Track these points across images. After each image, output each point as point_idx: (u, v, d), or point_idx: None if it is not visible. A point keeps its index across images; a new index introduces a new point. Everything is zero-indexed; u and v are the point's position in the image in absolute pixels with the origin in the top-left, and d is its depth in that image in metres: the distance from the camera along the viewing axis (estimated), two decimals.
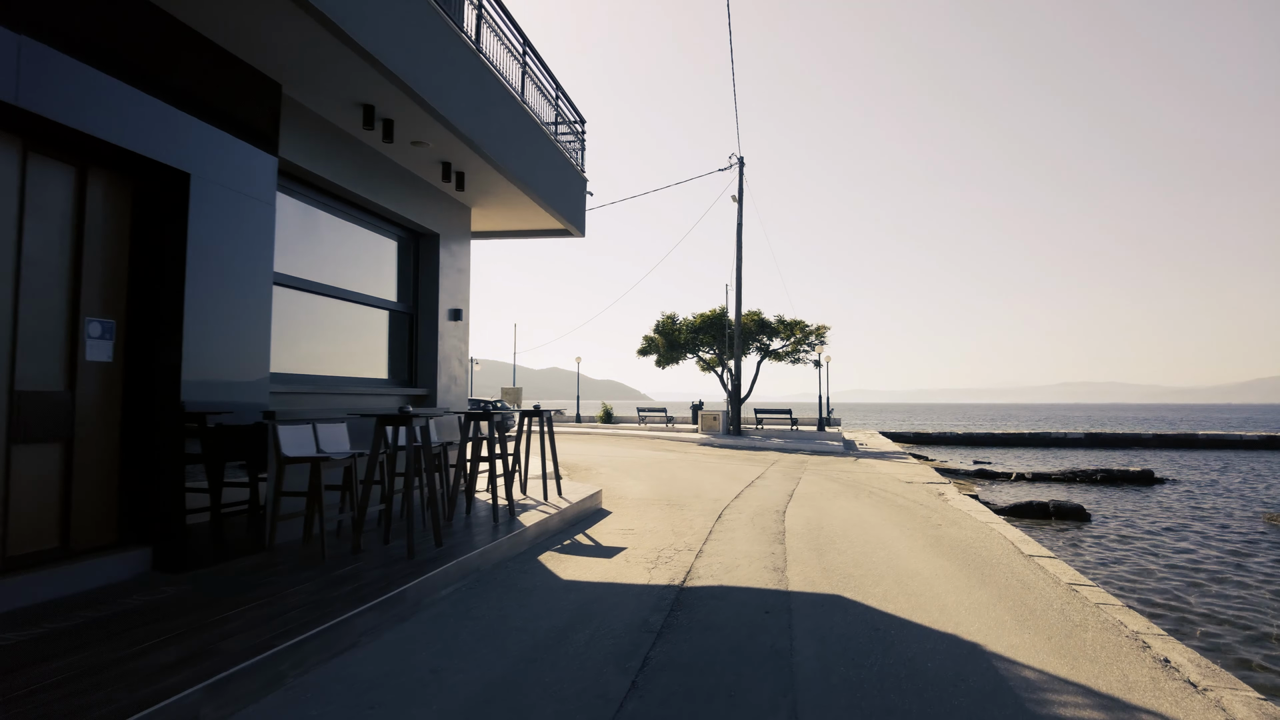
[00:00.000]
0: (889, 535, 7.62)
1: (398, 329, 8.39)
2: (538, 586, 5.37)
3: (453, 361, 8.83)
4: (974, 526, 8.25)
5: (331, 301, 7.28)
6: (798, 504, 9.83)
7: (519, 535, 6.50)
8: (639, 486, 11.36)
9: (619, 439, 24.52)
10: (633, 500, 9.86)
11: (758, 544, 7.03)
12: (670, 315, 29.51)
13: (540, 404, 28.93)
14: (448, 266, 8.76)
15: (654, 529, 7.75)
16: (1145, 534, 12.27)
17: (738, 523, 8.22)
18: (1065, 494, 17.69)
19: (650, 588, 5.37)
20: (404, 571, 5.01)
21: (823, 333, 27.98)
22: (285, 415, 5.92)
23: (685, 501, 9.85)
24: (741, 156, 25.70)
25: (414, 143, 7.08)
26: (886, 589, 5.43)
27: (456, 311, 8.86)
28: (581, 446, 20.69)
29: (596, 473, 13.23)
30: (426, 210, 8.35)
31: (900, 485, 12.46)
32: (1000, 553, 6.81)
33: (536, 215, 9.75)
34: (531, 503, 8.03)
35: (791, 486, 11.88)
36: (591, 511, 8.68)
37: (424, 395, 8.40)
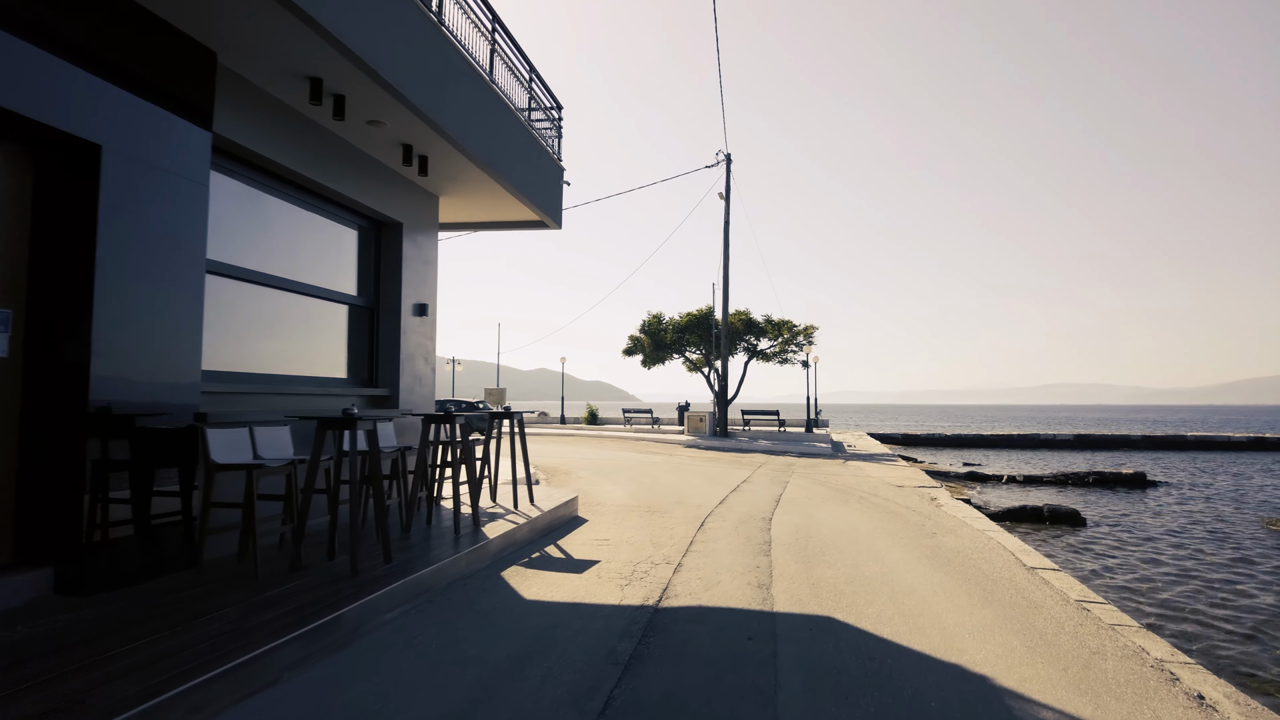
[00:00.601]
0: (881, 545, 7.14)
1: (358, 325, 7.84)
2: (497, 608, 4.84)
3: (418, 360, 8.28)
4: (970, 535, 7.78)
5: (283, 294, 6.73)
6: (785, 510, 9.33)
7: (481, 548, 5.97)
8: (619, 492, 10.84)
9: (603, 441, 23.99)
10: (611, 507, 9.34)
11: (741, 556, 6.53)
12: (656, 315, 29.00)
13: (511, 405, 28.25)
14: (412, 258, 8.21)
15: (631, 539, 7.23)
16: (1143, 540, 11.86)
17: (721, 531, 7.71)
18: (1058, 497, 17.32)
19: (621, 609, 4.85)
20: (344, 592, 4.47)
21: (811, 333, 27.55)
22: (218, 418, 5.36)
23: (666, 508, 9.34)
24: (729, 154, 25.24)
25: (370, 122, 6.54)
26: (881, 608, 4.94)
27: (422, 307, 8.31)
28: (564, 449, 20.15)
29: (576, 477, 12.70)
30: (389, 198, 7.80)
31: (891, 489, 12.01)
32: (1001, 565, 6.33)
33: (510, 205, 9.22)
34: (500, 511, 7.49)
35: (778, 491, 11.40)
36: (566, 520, 8.15)
37: (385, 396, 7.85)
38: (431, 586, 5.15)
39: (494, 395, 35.51)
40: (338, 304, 7.58)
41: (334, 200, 7.28)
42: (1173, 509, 15.60)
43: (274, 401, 6.28)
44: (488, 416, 7.80)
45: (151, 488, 4.75)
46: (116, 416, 4.48)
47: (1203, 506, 15.98)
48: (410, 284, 8.15)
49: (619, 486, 11.50)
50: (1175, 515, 14.73)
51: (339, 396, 7.28)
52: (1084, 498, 17.36)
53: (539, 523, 7.28)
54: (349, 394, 7.41)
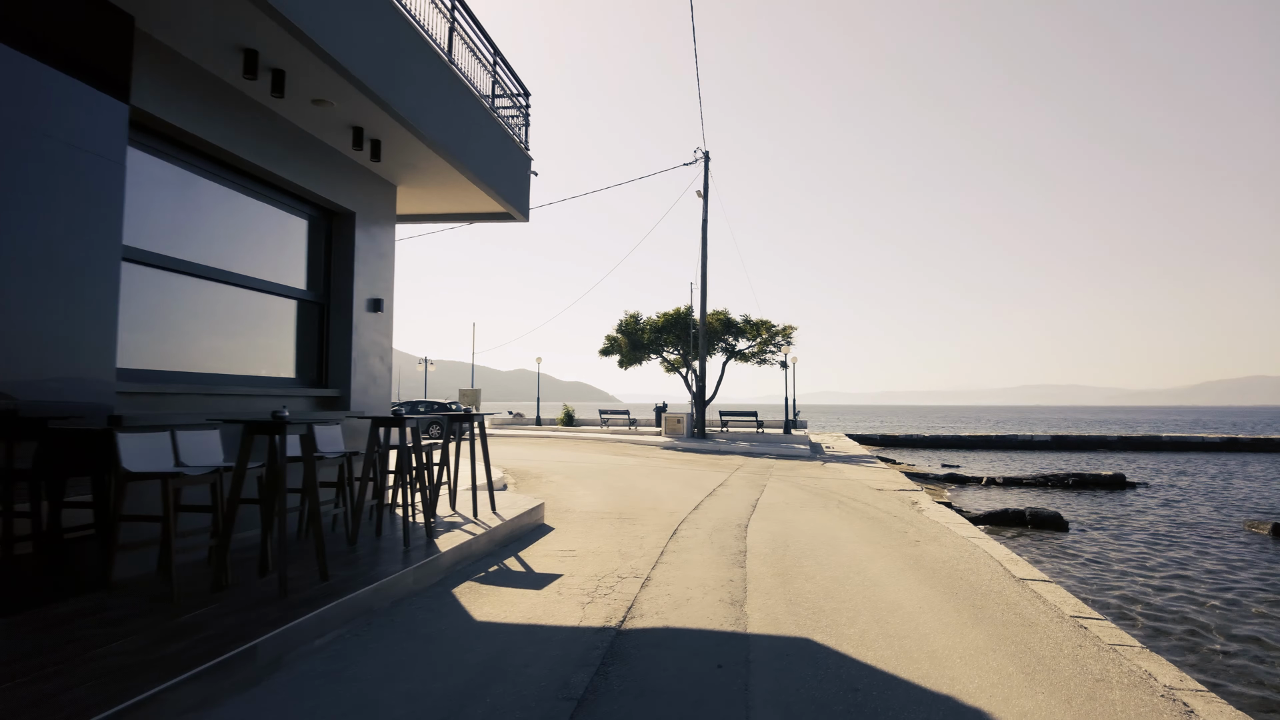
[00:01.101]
0: (862, 555, 6.76)
1: (307, 321, 7.32)
2: (443, 631, 4.38)
3: (372, 359, 7.78)
4: (955, 543, 7.43)
5: (222, 288, 6.20)
6: (762, 516, 8.94)
7: (432, 563, 5.50)
8: (590, 497, 10.39)
9: (578, 443, 23.51)
10: (580, 514, 8.89)
11: (715, 568, 6.11)
12: (634, 314, 28.54)
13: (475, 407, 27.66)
14: (366, 250, 7.71)
15: (598, 549, 6.79)
16: (1128, 544, 11.62)
17: (694, 540, 7.29)
18: (1039, 500, 17.12)
19: (581, 632, 4.41)
20: (269, 616, 3.99)
21: (789, 333, 27.23)
22: (136, 421, 4.84)
23: (638, 514, 8.90)
24: (707, 151, 24.89)
25: (314, 101, 6.04)
26: (864, 628, 4.54)
27: (376, 302, 7.81)
28: (537, 451, 19.65)
29: (547, 481, 12.23)
30: (340, 185, 7.30)
31: (870, 493, 11.67)
32: (989, 577, 5.97)
33: (474, 196, 8.74)
34: (458, 521, 7.02)
35: (755, 495, 11.01)
36: (530, 528, 7.69)
37: (336, 397, 7.35)
38: (372, 607, 4.67)
39: (468, 396, 34.85)
40: (285, 299, 7.06)
41: (279, 187, 6.76)
42: (1153, 511, 15.44)
43: (208, 403, 5.76)
44: (445, 419, 7.32)
45: (61, 499, 4.25)
46: (24, 420, 3.97)
47: (1182, 509, 15.84)
48: (364, 278, 7.65)
49: (590, 491, 11.05)
50: (1156, 518, 14.56)
51: (284, 397, 6.76)
52: (1065, 500, 17.17)
53: (499, 533, 6.82)
54: (295, 395, 6.90)
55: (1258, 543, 11.73)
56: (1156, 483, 20.71)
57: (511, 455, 18.00)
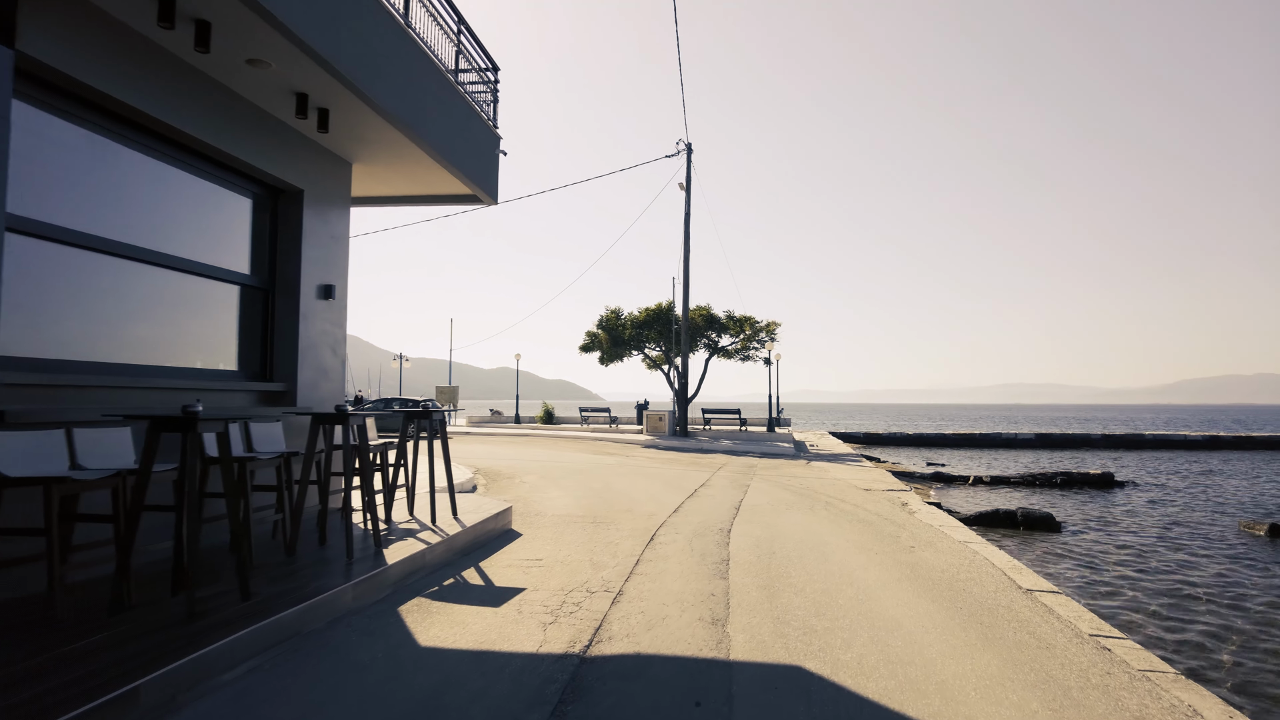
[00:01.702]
0: (854, 563, 6.22)
1: (250, 309, 6.67)
2: (379, 659, 3.78)
3: (322, 350, 7.14)
4: (952, 549, 6.92)
5: (148, 269, 5.55)
6: (746, 519, 8.39)
7: (376, 577, 4.89)
8: (563, 499, 9.79)
9: (557, 441, 22.89)
10: (552, 518, 8.30)
11: (694, 579, 5.54)
12: (615, 310, 27.92)
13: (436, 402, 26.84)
14: (316, 232, 7.06)
15: (568, 558, 6.21)
16: (1124, 547, 11.21)
17: (673, 547, 6.73)
18: (1027, 499, 16.74)
19: (539, 660, 3.83)
20: (168, 646, 3.37)
21: (773, 329, 26.71)
22: (20, 416, 4.20)
23: (614, 518, 8.32)
24: (689, 143, 24.33)
25: (250, 61, 5.40)
26: (861, 652, 3.99)
27: (328, 288, 7.17)
28: (513, 450, 19.01)
29: (519, 482, 11.62)
30: (287, 160, 6.66)
31: (858, 494, 11.17)
32: (993, 588, 5.45)
33: (437, 176, 8.11)
34: (415, 527, 6.41)
35: (739, 496, 10.47)
36: (496, 535, 7.09)
37: (281, 392, 6.70)
38: (300, 629, 4.06)
39: (445, 394, 34.09)
40: (225, 284, 6.41)
41: (216, 160, 6.11)
42: (1144, 511, 15.09)
43: (129, 398, 5.12)
44: (401, 416, 6.71)
45: None
46: None
47: (1173, 509, 15.51)
48: (314, 262, 7.00)
49: (565, 493, 10.46)
50: (1148, 518, 14.20)
51: (222, 392, 6.11)
52: (1054, 499, 16.80)
53: (459, 540, 6.21)
54: (236, 389, 6.25)
55: (1256, 544, 11.36)
56: (1144, 481, 20.43)
57: (486, 454, 17.36)
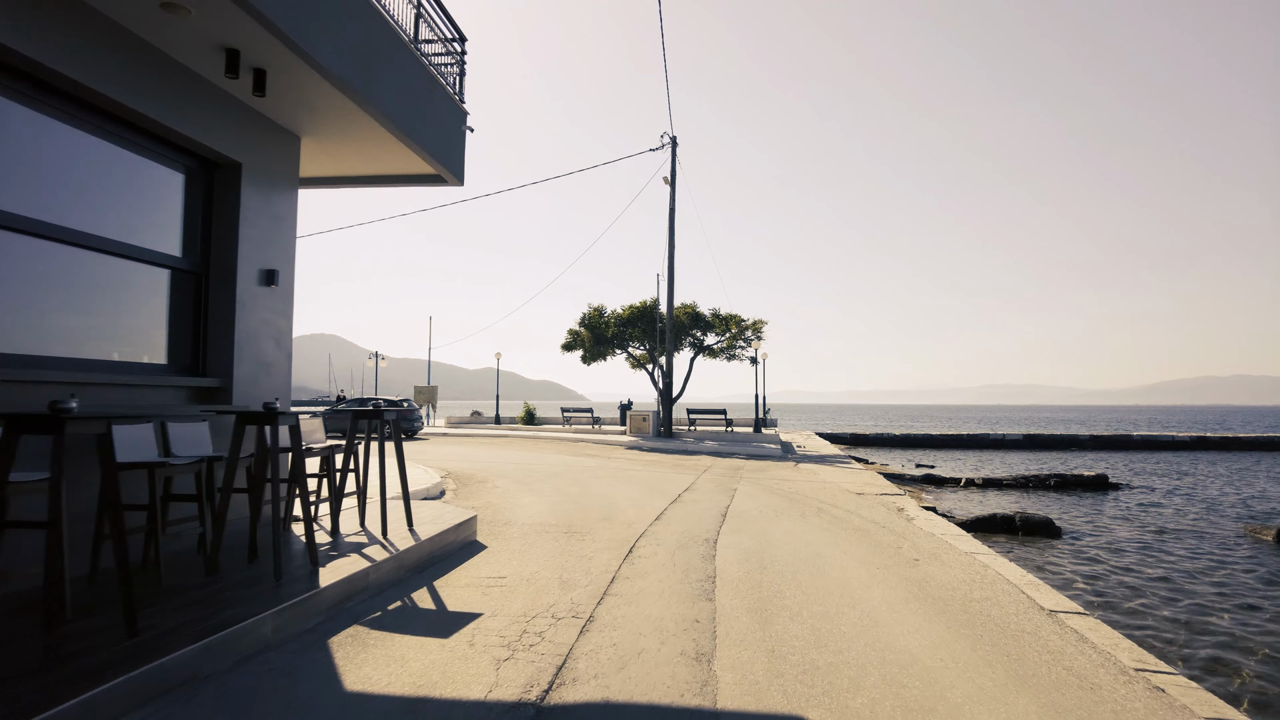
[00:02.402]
0: (855, 579, 5.59)
1: (181, 295, 5.95)
2: (289, 708, 3.09)
3: (264, 342, 6.41)
4: (959, 562, 6.31)
5: (51, 247, 4.82)
6: (733, 528, 7.75)
7: (305, 602, 4.19)
8: (537, 506, 9.10)
9: (537, 443, 22.17)
10: (522, 527, 7.61)
11: (677, 601, 4.88)
12: (598, 307, 27.17)
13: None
14: (257, 211, 6.34)
15: (535, 575, 5.53)
16: (1129, 554, 10.67)
17: (653, 562, 6.07)
18: (1021, 502, 16.24)
19: (487, 709, 3.15)
20: (16, 701, 2.67)
21: (760, 328, 26.08)
22: None
23: (590, 527, 7.65)
24: (674, 136, 23.69)
25: (164, 5, 4.68)
26: (873, 696, 3.35)
27: (269, 274, 6.45)
28: (490, 452, 18.28)
29: (492, 486, 10.91)
30: (223, 129, 5.94)
31: (851, 498, 10.56)
32: (1013, 609, 4.84)
33: (396, 153, 7.41)
34: (362, 541, 5.70)
35: (725, 501, 9.82)
36: (457, 547, 6.40)
37: (216, 388, 5.97)
38: (198, 672, 3.36)
39: (424, 394, 33.21)
40: (152, 267, 5.67)
41: (140, 126, 5.38)
42: (1142, 515, 14.61)
43: (26, 393, 4.39)
44: (350, 416, 6.00)
45: None
46: None
47: (1171, 512, 15.04)
48: (253, 243, 6.28)
49: (539, 498, 9.77)
50: (1147, 522, 13.71)
51: (147, 387, 5.39)
52: (1050, 502, 16.31)
53: (410, 556, 5.51)
54: (162, 384, 5.52)
55: (1265, 550, 10.87)
56: (1138, 483, 20.01)
57: (460, 457, 16.62)
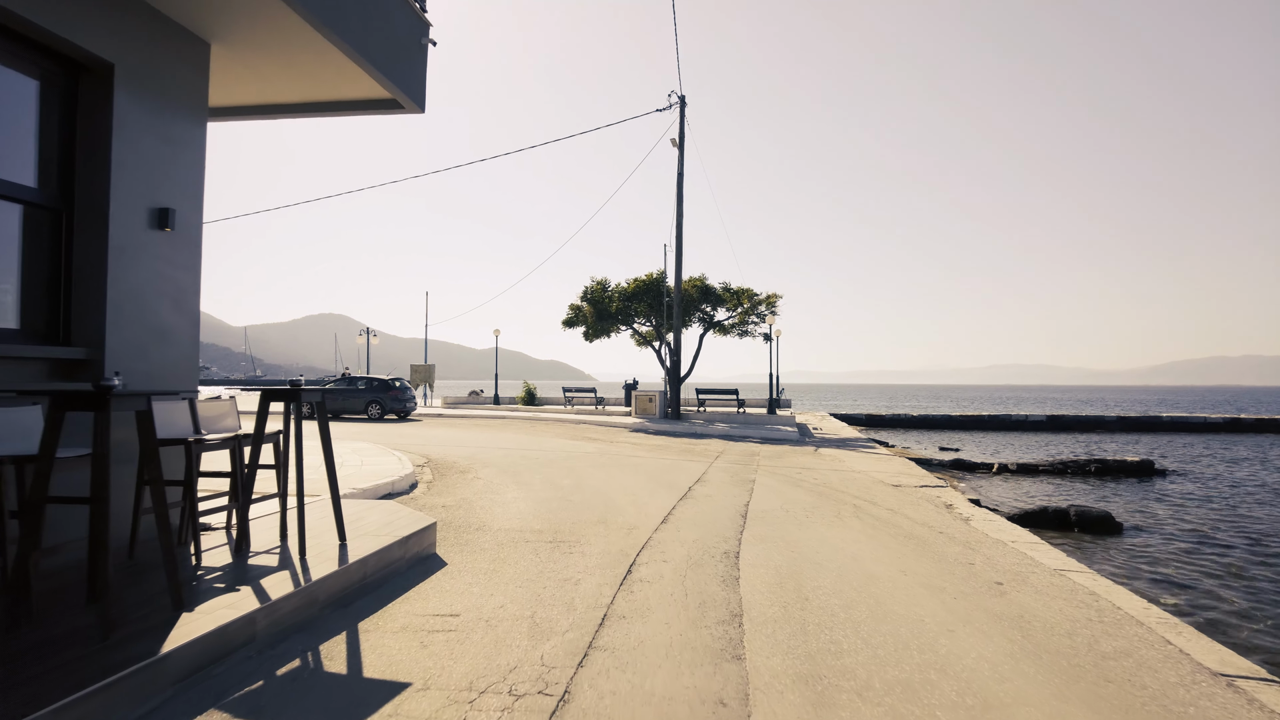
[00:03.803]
0: (931, 618, 4.15)
1: (36, 239, 4.50)
2: None
3: (156, 302, 4.96)
4: (1054, 586, 4.87)
5: None
6: (757, 535, 6.32)
7: (137, 675, 2.78)
8: (521, 504, 7.68)
9: (535, 425, 20.78)
10: (497, 534, 6.19)
11: (691, 663, 3.45)
12: (601, 281, 25.58)
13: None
14: (141, 130, 4.87)
15: (500, 610, 4.11)
16: (1202, 551, 9.21)
17: (658, 588, 4.64)
18: (1064, 491, 14.77)
19: None
20: None
21: (774, 302, 24.44)
22: None
23: (582, 533, 6.23)
24: (683, 95, 22.04)
25: None
26: None
27: (163, 214, 4.98)
28: (482, 435, 16.88)
29: (473, 478, 9.50)
30: (92, 21, 4.46)
31: (888, 492, 9.12)
32: (1171, 674, 3.39)
33: (340, 71, 5.92)
34: (271, 563, 4.28)
35: (743, 497, 8.39)
36: (408, 565, 4.99)
37: (83, 360, 4.54)
38: None
39: (420, 372, 31.78)
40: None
41: None
42: (1199, 506, 13.13)
43: None
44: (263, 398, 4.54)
45: None
46: None
47: (1231, 504, 13.54)
48: (137, 173, 4.81)
49: (526, 493, 8.35)
50: (1208, 514, 12.24)
51: None
52: (1093, 491, 14.84)
53: (329, 586, 4.08)
54: (6, 355, 4.11)
55: None
56: (1185, 469, 18.48)
57: (447, 441, 15.23)
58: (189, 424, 4.55)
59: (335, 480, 4.75)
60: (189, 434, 4.43)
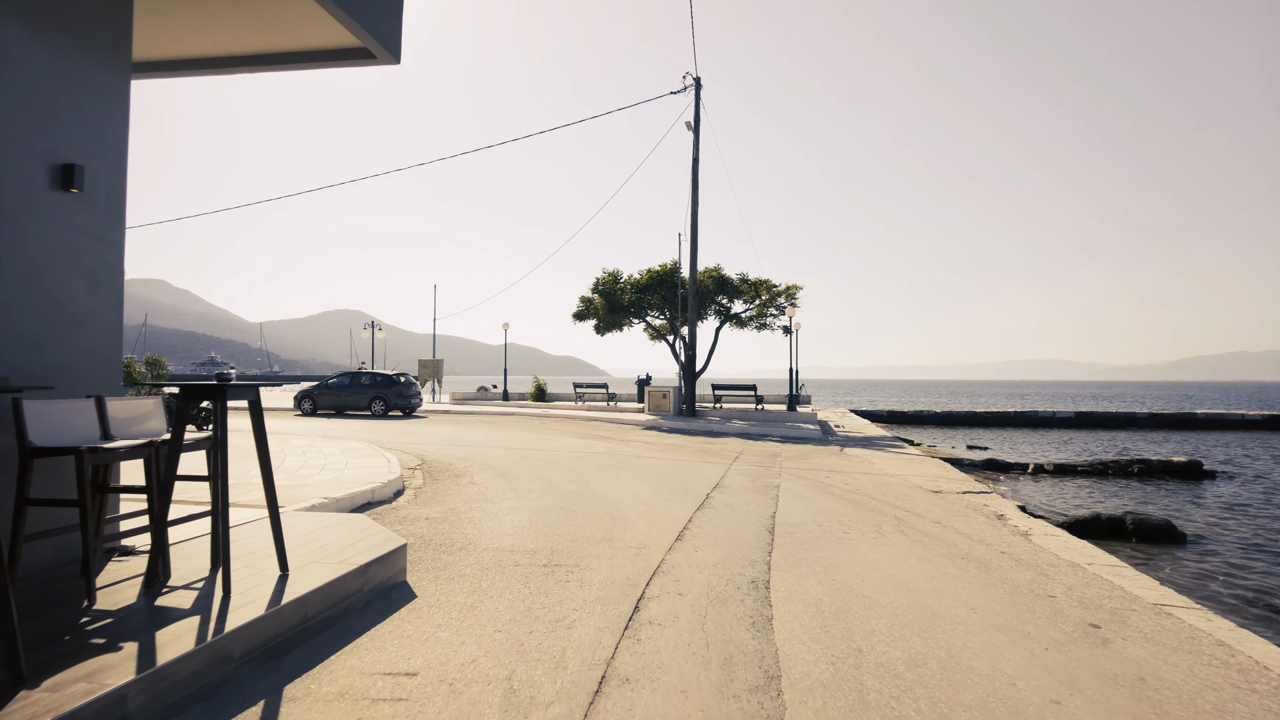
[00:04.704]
0: (1023, 675, 3.21)
1: None
2: None
3: (65, 280, 4.11)
4: (1167, 632, 3.91)
5: None
6: (790, 557, 5.39)
7: None
8: (516, 515, 6.78)
9: (544, 422, 19.92)
10: (483, 555, 5.30)
11: None
12: (613, 272, 24.63)
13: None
14: (43, 69, 4.01)
15: (470, 663, 3.22)
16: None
17: (672, 636, 3.73)
18: (1108, 493, 13.71)
19: None
20: None
21: (794, 293, 23.39)
22: None
23: (582, 553, 5.33)
24: (698, 77, 21.04)
25: None
26: None
27: (67, 171, 4.11)
28: (486, 433, 16.02)
29: (468, 483, 8.62)
30: None
31: (928, 500, 8.17)
32: None
33: (302, 13, 5.04)
34: (180, 605, 3.41)
35: (768, 507, 7.46)
36: (366, 599, 4.11)
37: None
38: None
39: (429, 368, 31.01)
40: None
41: None
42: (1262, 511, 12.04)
43: None
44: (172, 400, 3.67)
45: None
46: None
47: None
48: (33, 120, 3.95)
49: (523, 501, 7.46)
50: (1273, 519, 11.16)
51: None
52: (1141, 495, 13.77)
53: (243, 640, 3.19)
54: None
55: None
56: (1234, 471, 17.33)
57: (448, 439, 14.38)
58: (92, 428, 3.68)
59: (274, 494, 3.87)
60: (87, 441, 3.56)
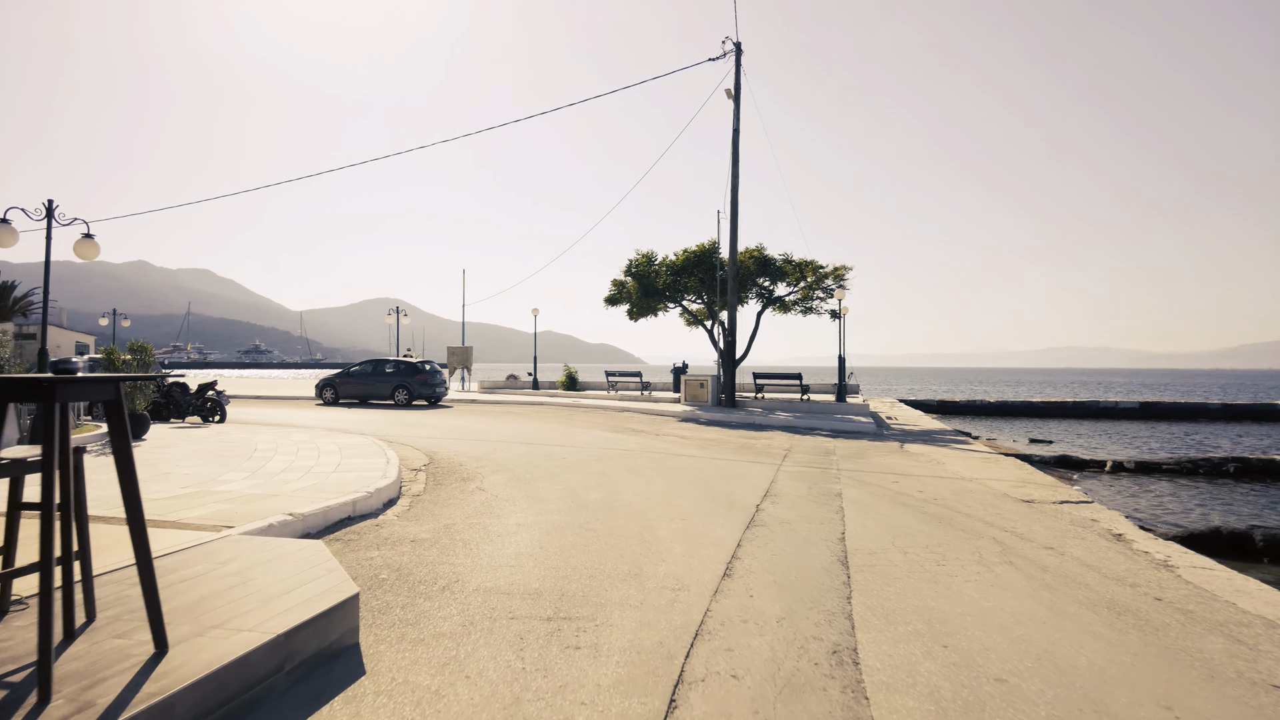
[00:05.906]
0: None
1: None
2: None
3: None
4: None
5: None
6: (876, 605, 4.07)
7: None
8: (524, 533, 5.56)
9: (573, 413, 18.74)
10: (471, 596, 4.07)
11: None
12: (647, 254, 23.25)
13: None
14: None
15: None
16: None
17: None
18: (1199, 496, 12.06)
19: None
20: None
21: (843, 274, 21.74)
22: None
23: (600, 596, 4.08)
24: (738, 42, 19.53)
25: None
26: None
27: None
28: (509, 426, 14.86)
29: (475, 489, 7.42)
30: None
31: (1020, 511, 6.78)
32: None
33: None
34: None
35: (835, 524, 6.14)
36: (288, 682, 2.92)
37: None
38: None
39: (457, 356, 30.07)
40: None
41: None
42: None
43: None
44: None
45: None
46: None
47: None
48: None
49: (535, 514, 6.24)
50: None
51: None
52: (1245, 499, 12.09)
53: None
54: None
55: None
56: None
57: (468, 433, 13.25)
58: None
59: (143, 536, 2.67)
60: None
